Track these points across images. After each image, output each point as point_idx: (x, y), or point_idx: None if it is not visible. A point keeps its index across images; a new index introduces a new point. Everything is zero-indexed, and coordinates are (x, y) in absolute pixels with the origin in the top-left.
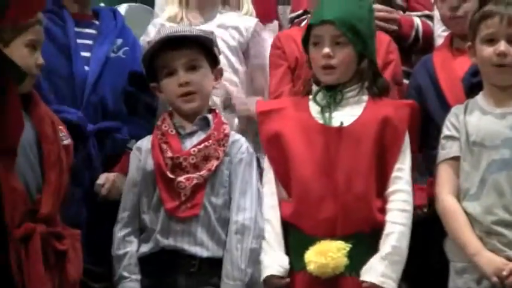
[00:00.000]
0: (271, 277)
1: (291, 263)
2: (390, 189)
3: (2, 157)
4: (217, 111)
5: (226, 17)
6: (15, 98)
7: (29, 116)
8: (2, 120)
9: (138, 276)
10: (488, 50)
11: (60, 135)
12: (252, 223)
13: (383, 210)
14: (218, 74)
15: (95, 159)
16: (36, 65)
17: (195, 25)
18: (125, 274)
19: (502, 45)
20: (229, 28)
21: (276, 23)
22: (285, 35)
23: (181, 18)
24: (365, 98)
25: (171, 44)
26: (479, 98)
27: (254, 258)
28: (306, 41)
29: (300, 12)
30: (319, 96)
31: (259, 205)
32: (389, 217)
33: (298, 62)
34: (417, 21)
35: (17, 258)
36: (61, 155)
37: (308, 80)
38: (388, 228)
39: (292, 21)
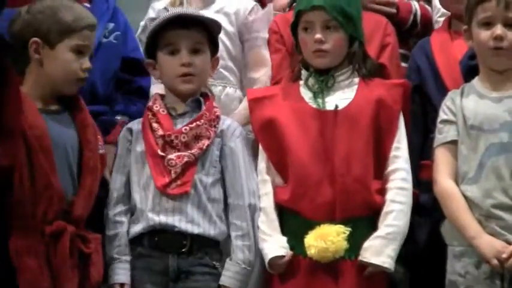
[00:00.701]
0: (275, 259)
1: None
2: (389, 168)
3: (43, 155)
4: (209, 95)
5: (225, 2)
6: (15, 85)
7: (73, 120)
8: (1, 102)
9: (128, 258)
10: (484, 34)
11: (98, 144)
12: (257, 206)
13: (381, 192)
14: (215, 63)
15: None
16: (82, 69)
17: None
18: (115, 256)
19: (499, 29)
20: (227, 14)
21: (270, 6)
22: (282, 19)
23: (181, 3)
24: (356, 80)
25: (179, 23)
26: (476, 82)
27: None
28: (294, 26)
29: None
30: (310, 81)
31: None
32: (388, 196)
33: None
34: (415, 5)
35: (47, 255)
36: (97, 163)
37: (297, 66)
38: (387, 206)
39: (290, 5)
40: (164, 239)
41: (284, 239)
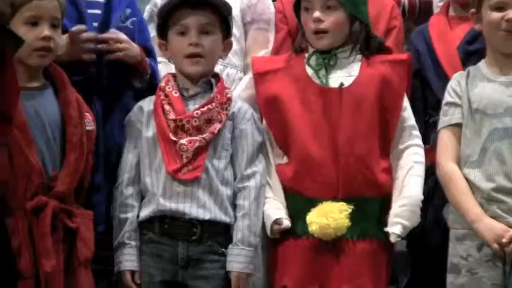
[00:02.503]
0: (274, 222)
1: (291, 229)
2: (402, 145)
3: (19, 131)
4: (220, 76)
5: None
6: (12, 67)
7: (56, 98)
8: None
9: (138, 243)
10: (496, 15)
11: (85, 120)
12: (264, 188)
13: (388, 171)
14: (227, 46)
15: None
16: (39, 38)
17: None
18: (126, 240)
19: (511, 13)
20: None
21: None
22: None
23: None
24: (359, 57)
25: (189, 4)
26: (482, 66)
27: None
28: (297, 6)
29: None
30: (312, 60)
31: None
32: (404, 171)
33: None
34: None
35: (28, 229)
36: (83, 139)
37: (302, 38)
38: (403, 180)
39: None
40: (174, 226)
41: (279, 204)
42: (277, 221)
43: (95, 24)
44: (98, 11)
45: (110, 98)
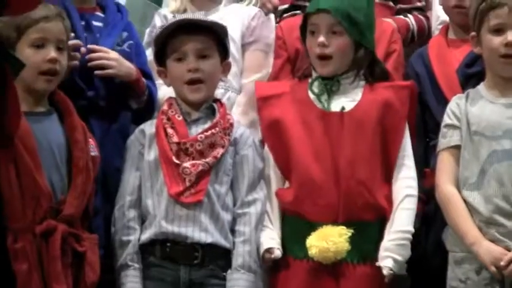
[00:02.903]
0: (266, 251)
1: (291, 251)
2: (396, 176)
3: (28, 155)
4: (222, 101)
5: (228, 10)
6: (13, 89)
7: (61, 122)
8: (1, 111)
9: (140, 265)
10: (496, 40)
11: (89, 146)
12: (264, 216)
13: (389, 198)
14: (226, 67)
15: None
16: (45, 60)
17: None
18: (129, 262)
19: (510, 36)
20: (230, 19)
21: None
22: (287, 25)
23: (185, 10)
24: (362, 83)
25: (185, 29)
26: (481, 88)
27: None
28: (303, 30)
29: (286, 6)
30: (315, 86)
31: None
32: (395, 203)
33: (300, 53)
34: (412, 21)
35: (38, 254)
36: (89, 164)
37: (307, 66)
38: (394, 214)
39: (280, 15)
40: (176, 250)
41: (275, 233)
42: (269, 250)
43: (91, 46)
44: (96, 34)
45: (107, 121)
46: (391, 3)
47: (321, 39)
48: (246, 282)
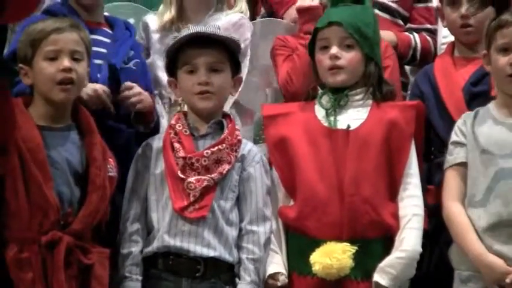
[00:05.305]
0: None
1: (295, 267)
2: (401, 195)
3: (38, 169)
4: (231, 116)
5: (213, 19)
6: (10, 101)
7: (81, 139)
8: None
9: (140, 277)
10: (502, 60)
11: (108, 166)
12: (271, 235)
13: (395, 215)
14: (237, 82)
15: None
16: (59, 70)
17: (185, 28)
18: (127, 274)
19: None
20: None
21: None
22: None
23: (173, 22)
24: (370, 102)
25: (198, 42)
26: (492, 107)
27: None
28: (311, 46)
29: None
30: (324, 99)
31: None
32: (402, 223)
33: (298, 48)
34: (416, 39)
35: (42, 263)
36: (105, 183)
37: (314, 87)
38: (402, 233)
39: None
40: (178, 263)
41: (280, 257)
42: (273, 277)
43: (98, 61)
44: (102, 49)
45: (111, 137)
46: (400, 21)
47: (334, 50)
48: None
